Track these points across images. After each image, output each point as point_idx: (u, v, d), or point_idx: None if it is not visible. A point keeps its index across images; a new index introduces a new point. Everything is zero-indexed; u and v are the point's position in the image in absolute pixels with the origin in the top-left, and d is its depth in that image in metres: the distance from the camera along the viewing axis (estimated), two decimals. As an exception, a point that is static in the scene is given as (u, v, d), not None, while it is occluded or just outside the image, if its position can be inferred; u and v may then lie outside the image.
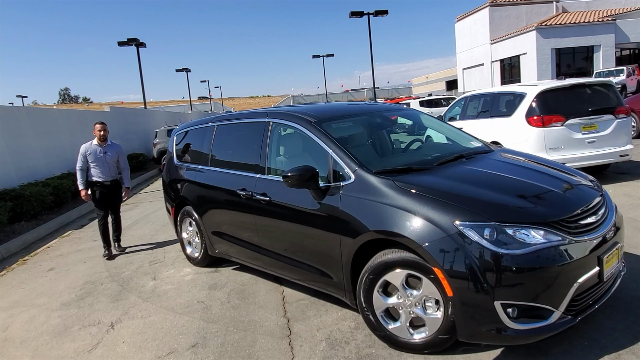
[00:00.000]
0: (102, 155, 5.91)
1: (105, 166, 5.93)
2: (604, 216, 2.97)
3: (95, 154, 5.88)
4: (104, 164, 5.92)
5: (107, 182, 5.96)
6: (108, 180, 5.96)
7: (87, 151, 5.89)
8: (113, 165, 6.05)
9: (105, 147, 5.99)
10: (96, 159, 5.88)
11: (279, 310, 3.83)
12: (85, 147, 5.93)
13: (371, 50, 30.76)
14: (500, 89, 8.34)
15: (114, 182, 6.07)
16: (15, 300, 4.83)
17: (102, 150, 5.93)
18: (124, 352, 3.44)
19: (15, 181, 9.58)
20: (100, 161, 5.89)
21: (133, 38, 25.83)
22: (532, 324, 2.56)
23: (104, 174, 5.93)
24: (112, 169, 6.04)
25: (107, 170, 5.95)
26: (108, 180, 5.96)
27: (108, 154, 5.97)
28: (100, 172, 5.91)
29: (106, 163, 5.94)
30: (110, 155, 6.00)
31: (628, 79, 21.69)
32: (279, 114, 4.09)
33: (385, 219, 2.91)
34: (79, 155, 5.89)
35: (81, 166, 5.89)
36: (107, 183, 5.96)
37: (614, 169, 7.78)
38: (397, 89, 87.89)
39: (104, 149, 5.96)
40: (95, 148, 5.92)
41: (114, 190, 6.12)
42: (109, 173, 5.98)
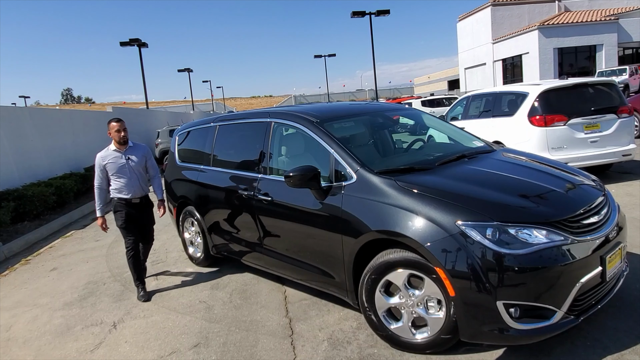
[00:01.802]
0: (125, 162, 4.45)
1: (132, 177, 4.47)
2: (606, 216, 2.97)
3: (115, 162, 4.42)
4: (130, 174, 4.45)
5: (136, 199, 4.50)
6: (137, 196, 4.50)
7: (104, 161, 4.41)
8: (141, 174, 4.56)
9: (127, 150, 4.51)
10: (118, 169, 4.41)
11: (281, 310, 3.83)
12: (101, 157, 4.44)
13: (373, 50, 30.79)
14: (502, 88, 8.32)
15: (144, 199, 4.61)
16: (18, 300, 4.85)
17: (124, 156, 4.47)
18: (126, 352, 3.44)
19: (18, 181, 9.61)
20: (123, 171, 4.43)
21: (135, 38, 25.88)
22: (535, 324, 2.56)
23: (130, 187, 4.45)
24: (141, 179, 4.55)
25: (134, 183, 4.47)
26: (137, 196, 4.50)
27: (132, 159, 4.49)
28: (125, 186, 4.44)
29: (132, 172, 4.47)
30: (136, 161, 4.51)
31: (631, 78, 21.60)
32: (280, 114, 4.10)
33: (387, 218, 2.91)
34: (96, 168, 4.45)
35: (100, 183, 4.43)
36: (136, 200, 4.50)
37: (617, 169, 7.75)
38: (399, 88, 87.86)
39: (126, 154, 4.49)
40: (114, 155, 4.45)
41: (146, 208, 4.64)
42: (138, 186, 4.50)
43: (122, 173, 4.43)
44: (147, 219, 4.69)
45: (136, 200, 4.50)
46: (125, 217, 4.44)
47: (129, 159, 4.49)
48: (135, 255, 4.48)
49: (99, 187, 4.46)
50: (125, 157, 4.48)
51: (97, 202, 4.46)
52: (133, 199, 4.48)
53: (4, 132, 9.81)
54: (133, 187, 4.47)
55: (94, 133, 15.14)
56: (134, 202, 4.49)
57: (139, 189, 4.52)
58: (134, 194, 4.48)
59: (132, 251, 4.47)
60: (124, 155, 4.47)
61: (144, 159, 4.63)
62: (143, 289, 4.50)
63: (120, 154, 4.47)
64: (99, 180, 4.46)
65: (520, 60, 30.63)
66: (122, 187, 4.44)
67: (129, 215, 4.45)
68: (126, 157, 4.48)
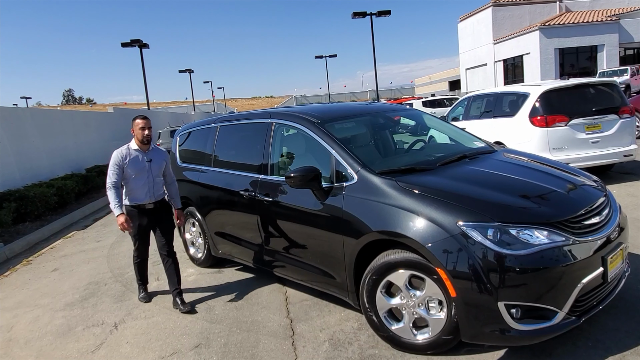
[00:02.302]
0: (147, 164, 4.11)
1: (150, 181, 4.12)
2: (608, 216, 2.96)
3: (136, 163, 4.05)
4: (148, 178, 4.11)
5: (151, 205, 4.16)
6: (152, 201, 4.16)
7: (125, 159, 4.02)
8: (159, 180, 4.24)
9: (150, 152, 4.16)
10: (138, 170, 4.06)
11: (282, 311, 3.83)
12: (120, 154, 4.04)
13: (374, 50, 30.80)
14: (503, 89, 8.32)
15: (159, 204, 4.25)
16: (19, 301, 4.85)
17: (146, 158, 4.12)
18: (127, 353, 3.44)
19: (19, 182, 9.62)
20: (142, 173, 4.08)
21: (136, 39, 25.94)
22: (536, 325, 2.55)
23: (146, 192, 4.11)
24: (158, 184, 4.22)
25: (151, 187, 4.13)
26: (152, 201, 4.16)
27: (154, 163, 4.16)
28: (140, 190, 4.09)
29: (151, 176, 4.13)
30: (157, 166, 4.19)
31: (632, 78, 21.57)
32: (281, 114, 4.10)
33: (388, 219, 2.91)
34: (112, 165, 4.02)
35: (116, 181, 3.98)
36: (151, 206, 4.16)
37: (618, 169, 7.74)
38: (400, 89, 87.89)
39: (148, 156, 4.14)
40: (136, 155, 4.08)
41: (161, 214, 4.26)
42: (153, 190, 4.16)
43: (141, 175, 4.08)
44: (165, 223, 4.28)
45: (150, 205, 4.15)
46: (137, 225, 4.12)
47: (151, 161, 4.14)
48: (141, 263, 4.37)
49: (114, 186, 3.95)
50: (147, 158, 4.13)
51: (112, 200, 3.93)
52: (147, 204, 4.14)
53: (5, 133, 9.83)
54: (149, 192, 4.12)
55: (95, 134, 15.17)
56: (147, 207, 4.14)
57: (155, 193, 4.18)
58: (150, 198, 4.14)
59: (139, 259, 4.34)
60: (145, 156, 4.13)
61: (164, 164, 4.29)
62: (144, 290, 4.43)
63: (142, 155, 4.12)
64: (115, 178, 3.97)
65: (522, 61, 30.61)
66: (137, 191, 4.09)
67: (142, 223, 4.15)
68: (148, 159, 4.13)
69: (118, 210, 3.90)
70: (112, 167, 4.02)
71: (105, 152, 15.51)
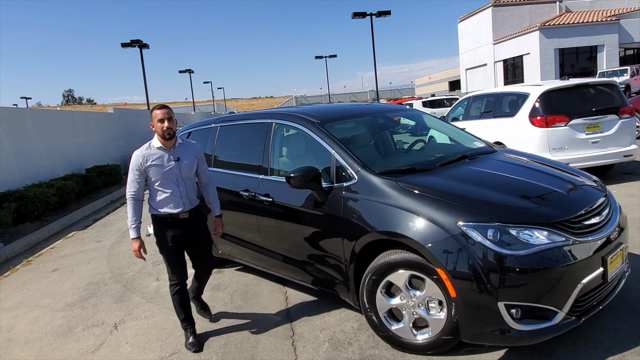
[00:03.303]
0: (174, 164, 3.29)
1: (181, 184, 3.31)
2: (608, 217, 2.96)
3: (161, 164, 3.26)
4: (178, 181, 3.31)
5: (185, 214, 3.35)
6: (186, 209, 3.34)
7: (146, 160, 3.23)
8: (192, 182, 3.43)
9: (177, 149, 3.34)
10: (165, 173, 3.26)
11: (282, 311, 3.83)
12: (141, 155, 3.25)
13: (374, 50, 30.79)
14: (503, 89, 8.32)
15: (194, 212, 3.42)
16: (19, 301, 4.85)
17: (172, 157, 3.30)
18: (127, 353, 3.45)
19: (19, 182, 9.62)
20: (171, 176, 3.28)
21: (136, 39, 25.89)
22: (536, 325, 2.55)
23: (179, 199, 3.30)
24: (190, 188, 3.39)
25: (183, 192, 3.32)
26: (186, 209, 3.34)
27: (183, 161, 3.33)
28: (171, 198, 3.29)
29: (181, 178, 3.32)
30: (187, 163, 3.36)
31: (632, 78, 21.58)
32: (281, 114, 4.10)
33: (388, 219, 2.91)
34: (131, 171, 3.26)
35: (136, 191, 3.24)
36: (185, 215, 3.35)
37: (618, 169, 7.75)
38: (400, 89, 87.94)
39: (175, 154, 3.32)
40: (159, 154, 3.27)
41: (197, 224, 3.46)
42: (186, 196, 3.34)
43: (169, 179, 3.27)
44: (201, 236, 3.49)
45: (184, 215, 3.33)
46: (170, 241, 3.30)
47: (179, 159, 3.31)
48: (181, 291, 3.42)
49: (135, 198, 3.23)
50: (174, 157, 3.30)
51: (129, 218, 3.22)
52: (181, 214, 3.31)
53: (5, 133, 9.83)
54: (182, 198, 3.31)
55: (95, 134, 15.17)
56: (181, 217, 3.32)
57: (188, 200, 3.35)
58: (183, 207, 3.32)
59: (178, 286, 3.40)
60: (171, 155, 3.30)
61: (196, 160, 3.44)
62: (192, 333, 3.44)
63: (167, 154, 3.29)
64: (136, 187, 3.23)
65: (521, 61, 30.62)
66: (167, 199, 3.28)
67: (176, 238, 3.32)
68: (175, 158, 3.30)
69: (133, 233, 3.22)
70: (131, 172, 3.25)
71: (105, 152, 15.56)
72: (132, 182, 3.25)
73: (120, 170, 14.51)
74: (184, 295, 3.45)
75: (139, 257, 3.29)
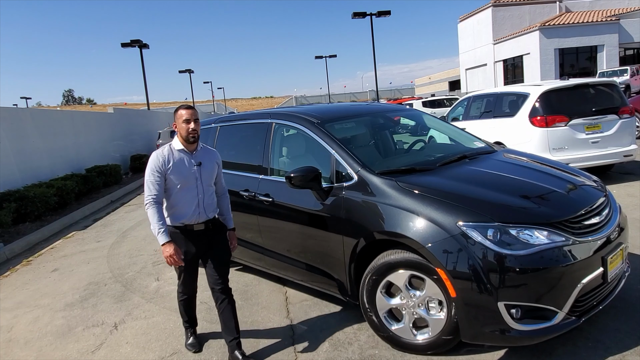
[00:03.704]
0: (195, 169, 3.06)
1: (200, 192, 3.07)
2: (608, 217, 2.96)
3: (181, 168, 3.03)
4: (198, 188, 3.07)
5: (201, 225, 3.10)
6: (203, 220, 3.11)
7: (168, 163, 3.00)
8: (209, 190, 3.16)
9: (198, 153, 3.12)
10: (184, 178, 3.03)
11: (282, 311, 3.83)
12: (161, 157, 3.01)
13: (374, 50, 30.82)
14: (503, 89, 8.32)
15: (211, 224, 3.17)
16: (19, 301, 4.85)
17: (194, 161, 3.08)
18: (127, 353, 3.45)
19: (20, 182, 9.63)
20: (190, 182, 3.04)
21: (136, 39, 25.93)
22: (536, 325, 2.55)
23: (195, 207, 3.06)
24: (209, 196, 3.15)
25: (201, 200, 3.08)
26: (203, 220, 3.11)
27: (205, 167, 3.12)
28: (187, 205, 3.04)
29: (201, 185, 3.08)
30: (208, 171, 3.14)
31: (632, 78, 21.58)
32: (281, 114, 4.10)
33: (388, 219, 2.91)
34: (150, 172, 2.99)
35: (158, 194, 2.97)
36: (201, 226, 3.10)
37: (618, 169, 7.75)
38: (399, 89, 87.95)
39: (197, 158, 3.10)
40: (181, 157, 3.05)
41: (213, 238, 3.18)
42: (202, 205, 3.09)
43: (189, 185, 3.03)
44: (219, 249, 3.18)
45: (200, 226, 3.09)
46: (184, 255, 3.03)
47: (200, 164, 3.07)
48: (188, 301, 3.36)
49: (156, 201, 2.95)
50: (195, 161, 3.06)
51: (155, 223, 2.91)
52: (196, 224, 3.08)
53: (5, 133, 9.83)
54: (198, 207, 3.05)
55: (95, 134, 15.17)
56: (197, 229, 3.09)
57: (205, 209, 3.10)
58: (199, 217, 3.07)
59: (185, 295, 3.32)
60: (193, 159, 3.07)
61: (216, 167, 3.22)
62: (193, 333, 3.45)
63: (189, 157, 3.06)
64: (157, 189, 2.95)
65: (521, 61, 30.62)
66: (182, 206, 3.03)
67: (190, 252, 3.07)
68: (196, 162, 3.07)
69: (163, 238, 2.90)
70: (150, 174, 2.98)
71: (105, 152, 15.57)
72: (152, 185, 2.95)
73: (120, 170, 14.51)
74: (191, 303, 3.40)
75: (175, 263, 2.93)
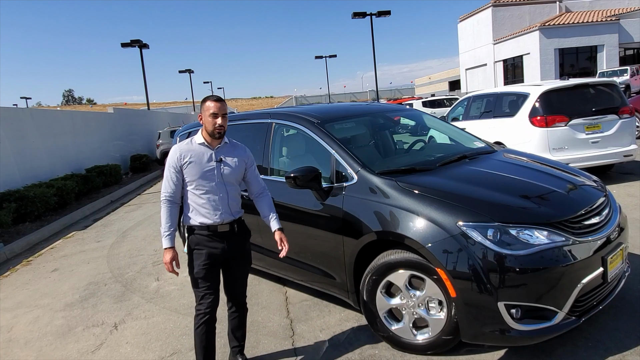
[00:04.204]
0: (215, 164, 2.76)
1: (222, 190, 2.75)
2: (608, 217, 2.96)
3: (200, 163, 2.73)
4: (219, 186, 2.75)
5: (224, 227, 2.77)
6: (227, 221, 2.78)
7: (184, 157, 2.72)
8: (233, 189, 2.82)
9: (221, 149, 2.81)
10: (203, 175, 2.72)
11: (282, 311, 3.84)
12: (179, 150, 2.74)
13: (374, 50, 30.83)
14: (503, 89, 8.32)
15: (237, 225, 2.85)
16: (19, 301, 4.85)
17: (215, 157, 2.77)
18: (127, 353, 3.45)
19: (19, 182, 9.62)
20: (210, 179, 2.74)
21: (136, 39, 25.92)
22: (536, 325, 2.55)
23: (216, 206, 2.74)
24: (233, 196, 2.81)
25: (224, 199, 2.76)
26: (227, 221, 2.78)
27: (227, 163, 2.79)
28: (208, 204, 2.74)
29: (221, 183, 2.75)
30: (231, 167, 2.80)
31: (632, 78, 21.58)
32: (281, 114, 4.10)
33: (388, 219, 2.91)
34: (168, 167, 2.75)
35: (173, 193, 2.74)
36: (224, 228, 2.77)
37: (618, 169, 7.75)
38: (399, 89, 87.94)
39: (218, 154, 2.79)
40: (200, 151, 2.76)
41: (237, 243, 2.86)
42: (226, 204, 2.77)
43: (208, 182, 2.72)
44: (241, 257, 2.89)
45: (224, 227, 2.76)
46: (206, 259, 2.71)
47: (222, 161, 2.78)
48: (209, 323, 2.76)
49: (170, 200, 2.72)
50: (216, 157, 2.77)
51: (164, 224, 2.69)
52: (220, 226, 2.75)
53: (5, 133, 9.83)
54: (221, 206, 2.75)
55: (95, 134, 15.17)
56: (220, 230, 2.75)
57: (230, 210, 2.79)
58: (223, 218, 2.75)
59: (206, 316, 2.74)
60: (214, 154, 2.77)
61: (243, 165, 2.87)
62: None
63: (210, 152, 2.77)
64: (172, 187, 2.72)
65: (521, 61, 30.62)
66: (204, 207, 2.73)
67: (213, 256, 2.74)
68: (217, 159, 2.77)
69: (167, 242, 2.67)
70: (167, 170, 2.74)
71: (105, 152, 15.56)
72: (168, 182, 2.73)
73: (120, 170, 14.51)
74: (211, 330, 2.77)
75: (171, 271, 2.68)
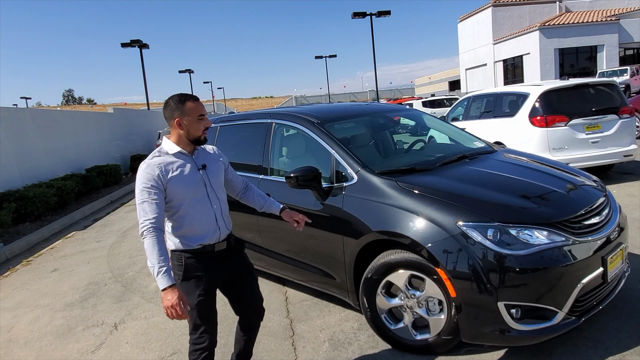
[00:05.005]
0: (200, 173, 2.35)
1: (212, 200, 2.38)
2: (607, 216, 2.96)
3: (184, 174, 2.28)
4: (210, 196, 2.37)
5: (222, 245, 2.40)
6: (223, 237, 2.42)
7: (166, 171, 2.23)
8: (223, 196, 2.49)
9: (198, 154, 2.42)
10: (192, 188, 2.30)
11: (282, 311, 3.83)
12: (157, 165, 2.23)
13: (374, 50, 30.81)
14: (503, 89, 8.32)
15: (233, 240, 2.49)
16: (19, 301, 4.85)
17: (197, 164, 2.37)
18: (127, 353, 3.45)
19: (19, 182, 9.62)
20: (199, 191, 2.33)
21: (136, 40, 25.91)
22: (536, 325, 2.55)
23: (211, 223, 2.36)
24: (224, 205, 2.47)
25: (218, 211, 2.40)
26: (223, 237, 2.42)
27: (210, 168, 2.41)
28: (203, 221, 2.34)
29: (212, 192, 2.38)
30: (214, 171, 2.44)
31: (632, 78, 21.58)
32: (281, 114, 4.10)
33: (388, 219, 2.91)
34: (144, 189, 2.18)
35: (157, 218, 2.15)
36: (222, 246, 2.40)
37: (618, 169, 7.75)
38: (399, 89, 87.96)
39: (199, 160, 2.39)
40: (180, 161, 2.31)
41: (237, 258, 2.51)
42: (221, 217, 2.41)
43: (198, 196, 2.32)
44: (245, 271, 2.56)
45: (221, 246, 2.40)
46: (206, 287, 2.31)
47: (205, 167, 2.39)
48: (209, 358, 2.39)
49: (156, 227, 2.14)
50: (199, 164, 2.37)
51: (155, 258, 2.07)
52: (217, 244, 2.38)
53: (5, 133, 9.83)
54: (217, 221, 2.37)
55: (95, 134, 15.16)
56: (218, 249, 2.38)
57: (225, 223, 2.43)
58: (220, 234, 2.39)
59: (206, 352, 2.36)
60: (195, 162, 2.37)
61: (222, 166, 2.54)
62: None
63: (190, 161, 2.35)
64: (155, 211, 2.15)
65: (521, 61, 30.62)
66: (198, 225, 2.32)
67: (212, 280, 2.35)
68: (200, 165, 2.37)
69: (165, 281, 2.05)
70: (143, 192, 2.17)
71: (105, 152, 15.56)
72: (149, 205, 2.15)
73: (120, 170, 14.51)
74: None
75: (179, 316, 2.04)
